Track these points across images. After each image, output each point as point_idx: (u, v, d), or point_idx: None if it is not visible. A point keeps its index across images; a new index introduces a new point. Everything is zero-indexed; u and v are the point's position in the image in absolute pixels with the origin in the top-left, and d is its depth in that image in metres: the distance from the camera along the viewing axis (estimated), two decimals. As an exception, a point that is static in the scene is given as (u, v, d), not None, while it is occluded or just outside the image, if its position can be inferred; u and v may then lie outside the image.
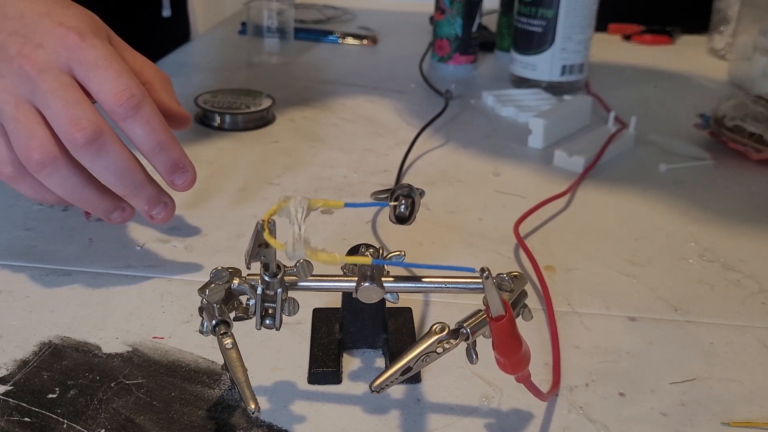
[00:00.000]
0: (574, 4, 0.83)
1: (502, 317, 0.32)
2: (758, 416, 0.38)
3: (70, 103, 0.42)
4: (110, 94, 0.43)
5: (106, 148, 0.43)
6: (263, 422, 0.36)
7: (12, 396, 0.37)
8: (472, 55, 0.95)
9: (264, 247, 0.34)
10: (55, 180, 0.44)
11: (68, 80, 0.43)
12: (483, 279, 0.31)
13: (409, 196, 0.38)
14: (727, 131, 0.71)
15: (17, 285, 0.47)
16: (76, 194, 0.45)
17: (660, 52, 1.10)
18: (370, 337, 0.42)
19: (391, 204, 0.38)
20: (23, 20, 0.44)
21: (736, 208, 0.62)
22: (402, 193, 0.38)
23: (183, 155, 0.46)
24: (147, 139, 0.44)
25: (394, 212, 0.38)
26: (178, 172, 0.46)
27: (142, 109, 0.43)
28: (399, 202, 0.38)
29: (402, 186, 0.38)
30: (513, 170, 0.67)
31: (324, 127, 0.75)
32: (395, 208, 0.38)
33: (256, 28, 0.96)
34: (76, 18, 0.44)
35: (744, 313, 0.47)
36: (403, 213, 0.38)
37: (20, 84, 0.43)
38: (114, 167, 0.43)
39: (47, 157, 0.42)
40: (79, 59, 0.43)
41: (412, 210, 0.38)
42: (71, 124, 0.42)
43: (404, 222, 0.38)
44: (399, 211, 0.38)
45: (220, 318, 0.34)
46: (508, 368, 0.34)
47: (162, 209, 0.47)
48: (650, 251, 0.54)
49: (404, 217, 0.38)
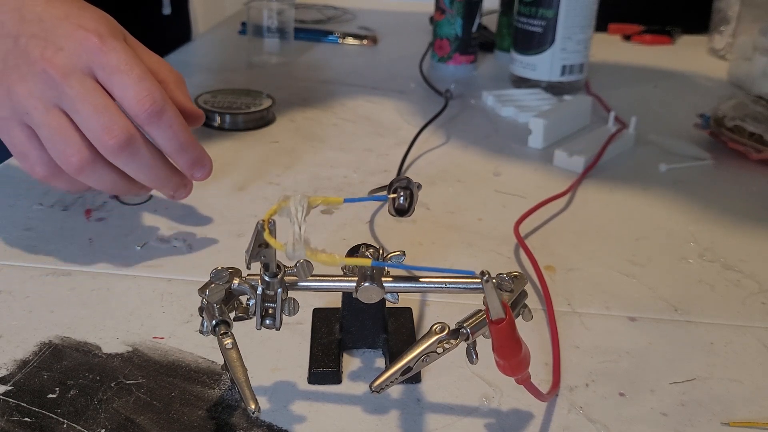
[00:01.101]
0: (574, 4, 0.83)
1: (502, 320, 0.32)
2: (758, 416, 0.38)
3: (100, 108, 0.44)
4: (133, 100, 0.44)
5: (137, 151, 0.45)
6: (263, 422, 0.36)
7: (12, 396, 0.37)
8: (472, 55, 0.95)
9: (264, 247, 0.34)
10: (92, 178, 0.46)
11: (93, 84, 0.44)
12: (483, 282, 0.31)
13: (407, 188, 0.38)
14: (727, 131, 0.71)
15: (17, 285, 0.47)
16: (111, 186, 0.47)
17: (660, 52, 1.10)
18: (370, 337, 0.42)
19: (390, 197, 0.38)
20: (42, 24, 0.45)
21: (736, 208, 0.62)
22: (400, 186, 0.38)
23: (202, 152, 0.49)
24: (170, 143, 0.47)
25: (393, 205, 0.38)
26: (197, 167, 0.49)
27: (164, 114, 0.45)
28: (398, 195, 0.38)
29: (400, 179, 0.38)
30: (513, 170, 0.67)
31: (324, 127, 0.75)
32: (394, 200, 0.38)
33: (256, 28, 0.96)
34: (94, 20, 0.46)
35: (744, 313, 0.47)
36: (402, 205, 0.38)
37: (46, 88, 0.44)
38: (145, 167, 0.46)
39: (85, 161, 0.45)
40: (101, 63, 0.44)
41: (411, 202, 0.38)
42: (104, 131, 0.44)
43: (403, 214, 0.38)
44: (398, 203, 0.38)
45: (220, 318, 0.34)
46: (508, 370, 0.34)
47: (183, 191, 0.50)
48: (650, 251, 0.54)
49: (403, 209, 0.38)
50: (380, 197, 0.40)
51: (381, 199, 0.39)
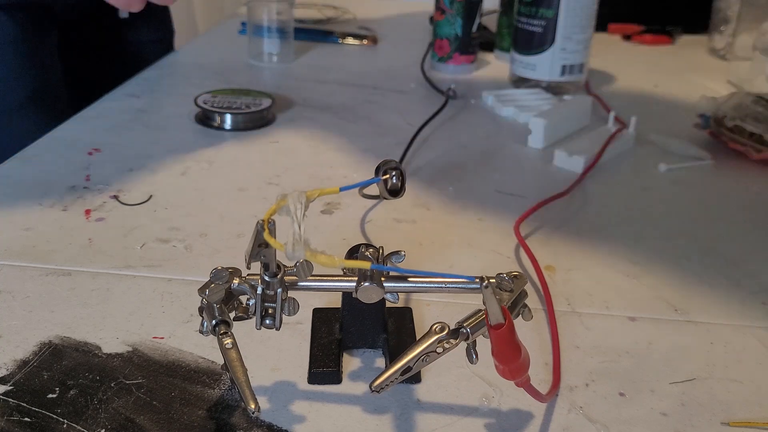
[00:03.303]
0: (574, 4, 0.82)
1: (501, 325, 0.32)
2: (758, 416, 0.38)
3: None
4: None
5: None
6: (263, 422, 0.36)
7: (12, 396, 0.37)
8: (472, 55, 0.95)
9: (264, 247, 0.34)
10: None
11: None
12: (482, 288, 0.31)
13: (397, 168, 0.38)
14: (727, 131, 0.71)
15: (17, 285, 0.47)
16: None
17: (660, 52, 1.10)
18: (370, 337, 0.42)
19: (382, 178, 0.38)
20: None
21: (736, 208, 0.62)
22: (390, 167, 0.38)
23: None
24: None
25: (386, 186, 0.38)
26: None
27: None
28: (390, 175, 0.38)
29: (387, 161, 0.38)
30: (513, 170, 0.67)
31: (324, 127, 0.75)
32: (387, 181, 0.38)
33: (256, 28, 0.96)
34: None
35: (744, 313, 0.47)
36: (395, 184, 0.38)
37: None
38: None
39: None
40: None
41: (403, 181, 0.38)
42: None
43: (397, 194, 0.38)
44: (391, 183, 0.38)
45: (220, 318, 0.34)
46: (508, 374, 0.34)
47: None
48: (650, 251, 0.54)
49: (397, 188, 0.38)
50: (373, 180, 0.39)
51: (374, 181, 0.39)
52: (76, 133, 0.71)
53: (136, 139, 0.70)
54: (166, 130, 0.73)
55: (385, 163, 0.39)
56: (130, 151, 0.67)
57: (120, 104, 0.79)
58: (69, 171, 0.62)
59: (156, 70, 0.93)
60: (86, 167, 0.63)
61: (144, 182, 0.61)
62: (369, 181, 0.40)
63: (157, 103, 0.80)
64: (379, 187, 0.39)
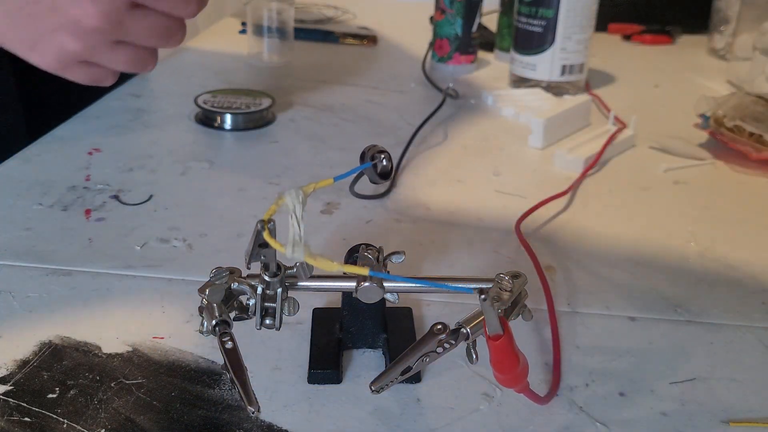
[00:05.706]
0: (574, 4, 0.82)
1: (499, 336, 0.32)
2: (758, 416, 0.38)
3: None
4: None
5: None
6: (263, 422, 0.36)
7: (12, 396, 0.37)
8: (472, 55, 0.95)
9: (264, 248, 0.34)
10: None
11: None
12: (480, 301, 0.31)
13: (384, 151, 0.38)
14: (727, 131, 0.71)
15: (17, 285, 0.47)
16: None
17: (660, 52, 1.10)
18: (370, 337, 0.42)
19: (372, 163, 0.38)
20: None
21: (736, 208, 0.62)
22: (377, 150, 0.38)
23: None
24: None
25: (376, 170, 0.38)
26: None
27: None
28: (379, 159, 0.38)
29: (371, 147, 0.38)
30: (513, 170, 0.67)
31: (324, 127, 0.75)
32: (376, 165, 0.38)
33: (256, 28, 0.96)
34: None
35: (744, 313, 0.47)
36: (386, 167, 0.38)
37: None
38: None
39: None
40: None
41: (392, 164, 0.38)
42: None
43: (388, 177, 0.38)
44: (382, 166, 0.38)
45: (220, 318, 0.34)
46: (506, 383, 0.34)
47: None
48: (650, 251, 0.54)
49: (387, 170, 0.38)
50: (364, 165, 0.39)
51: (365, 166, 0.38)
52: (76, 133, 0.71)
53: (136, 139, 0.70)
54: (166, 130, 0.73)
55: (370, 148, 0.38)
56: (130, 151, 0.67)
57: (120, 104, 0.79)
58: (69, 171, 0.62)
59: (156, 70, 0.92)
60: (86, 167, 0.63)
61: (144, 182, 0.61)
62: (360, 167, 0.40)
63: (157, 103, 0.80)
64: (368, 172, 0.38)
